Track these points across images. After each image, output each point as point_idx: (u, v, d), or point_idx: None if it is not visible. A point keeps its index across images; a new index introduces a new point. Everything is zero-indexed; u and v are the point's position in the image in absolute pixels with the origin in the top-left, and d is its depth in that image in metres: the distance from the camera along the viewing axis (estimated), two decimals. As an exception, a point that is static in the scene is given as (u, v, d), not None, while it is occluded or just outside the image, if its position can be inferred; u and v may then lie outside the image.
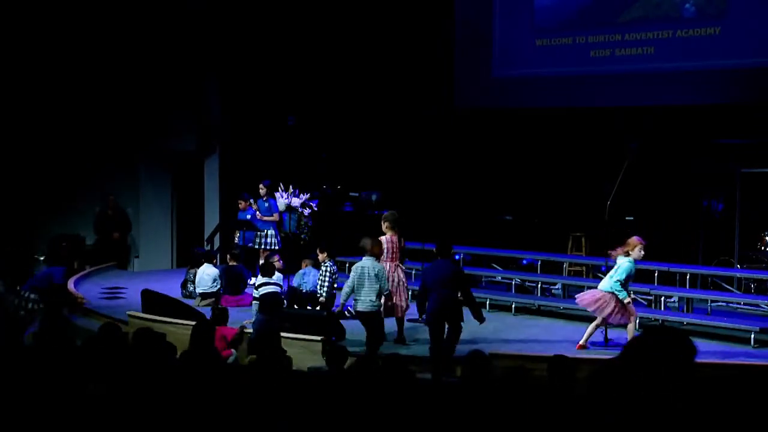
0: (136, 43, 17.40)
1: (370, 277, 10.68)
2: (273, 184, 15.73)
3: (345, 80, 17.98)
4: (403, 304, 11.57)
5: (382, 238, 11.52)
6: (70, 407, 5.78)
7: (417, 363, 9.80)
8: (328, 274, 12.82)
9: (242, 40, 17.63)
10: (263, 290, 12.12)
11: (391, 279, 11.30)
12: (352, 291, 10.78)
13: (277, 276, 12.44)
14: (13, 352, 7.02)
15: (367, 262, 10.81)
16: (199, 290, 14.06)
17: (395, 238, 11.68)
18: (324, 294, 12.75)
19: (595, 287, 11.20)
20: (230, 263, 14.35)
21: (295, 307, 12.71)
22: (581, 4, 16.09)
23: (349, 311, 11.75)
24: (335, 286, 12.83)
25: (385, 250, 11.46)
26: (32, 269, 17.34)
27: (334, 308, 12.06)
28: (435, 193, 17.43)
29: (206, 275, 14.04)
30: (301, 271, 13.42)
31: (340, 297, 11.33)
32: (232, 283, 14.08)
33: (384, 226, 11.72)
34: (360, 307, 10.76)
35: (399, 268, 11.67)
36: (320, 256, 13.02)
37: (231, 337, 10.50)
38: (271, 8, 17.59)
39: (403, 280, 11.70)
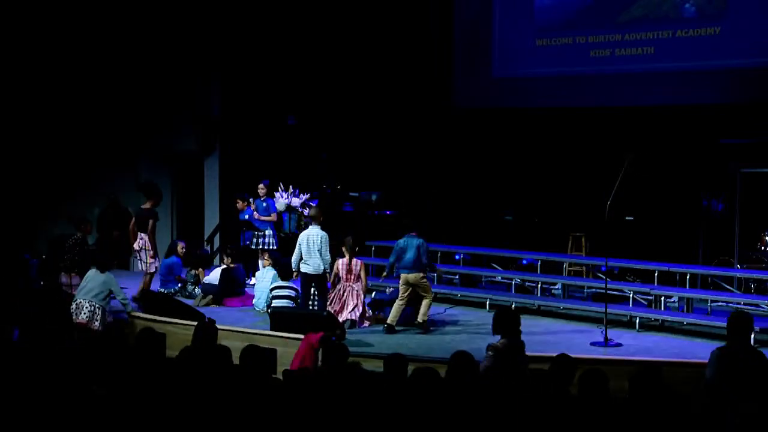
0: (137, 42, 17.39)
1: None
2: (272, 184, 15.73)
3: (345, 80, 17.97)
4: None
5: (338, 261, 12.64)
6: (73, 407, 5.78)
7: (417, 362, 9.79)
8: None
9: (242, 39, 17.63)
10: (278, 292, 12.38)
11: (337, 299, 12.41)
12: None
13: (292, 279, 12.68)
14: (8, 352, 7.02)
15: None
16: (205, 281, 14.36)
17: (347, 261, 12.59)
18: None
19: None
20: (229, 265, 14.38)
21: None
22: (581, 4, 16.10)
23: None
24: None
25: (341, 272, 12.59)
26: (30, 269, 17.34)
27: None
28: (435, 194, 17.45)
29: (217, 270, 14.44)
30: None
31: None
32: (231, 284, 14.09)
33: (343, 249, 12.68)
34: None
35: (350, 288, 12.48)
36: None
37: (317, 342, 10.19)
38: (271, 8, 17.59)
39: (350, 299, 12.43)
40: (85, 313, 11.58)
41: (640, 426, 5.76)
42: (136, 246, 13.71)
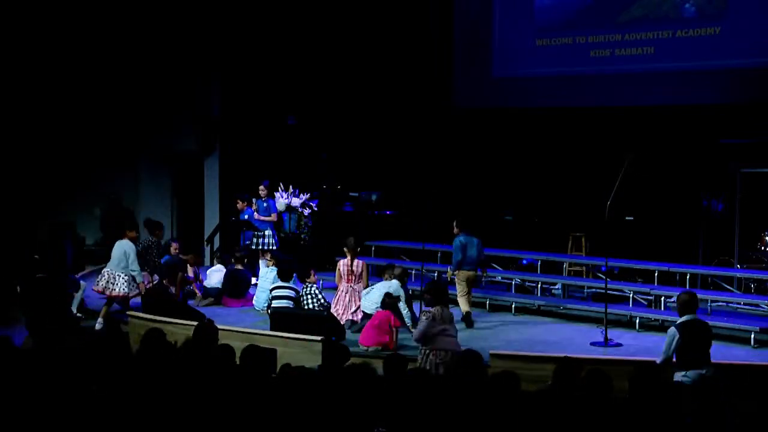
0: (137, 42, 17.40)
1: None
2: (272, 184, 15.73)
3: (345, 80, 17.98)
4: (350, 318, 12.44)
5: (340, 262, 12.74)
6: (75, 407, 5.78)
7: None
8: (318, 292, 12.76)
9: (242, 39, 17.64)
10: (277, 293, 12.36)
11: (341, 300, 12.49)
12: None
13: (293, 281, 12.69)
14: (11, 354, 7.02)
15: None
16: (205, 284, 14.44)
17: (349, 261, 12.62)
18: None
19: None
20: (236, 266, 14.37)
21: None
22: (581, 4, 16.10)
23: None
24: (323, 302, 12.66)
25: (343, 273, 12.64)
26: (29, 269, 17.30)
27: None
28: (435, 194, 17.43)
29: (215, 272, 14.47)
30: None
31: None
32: (235, 286, 14.10)
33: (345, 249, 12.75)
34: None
35: (352, 289, 12.55)
36: (312, 278, 12.76)
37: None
38: (271, 8, 17.59)
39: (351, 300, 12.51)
40: (101, 281, 12.37)
41: (640, 426, 5.76)
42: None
